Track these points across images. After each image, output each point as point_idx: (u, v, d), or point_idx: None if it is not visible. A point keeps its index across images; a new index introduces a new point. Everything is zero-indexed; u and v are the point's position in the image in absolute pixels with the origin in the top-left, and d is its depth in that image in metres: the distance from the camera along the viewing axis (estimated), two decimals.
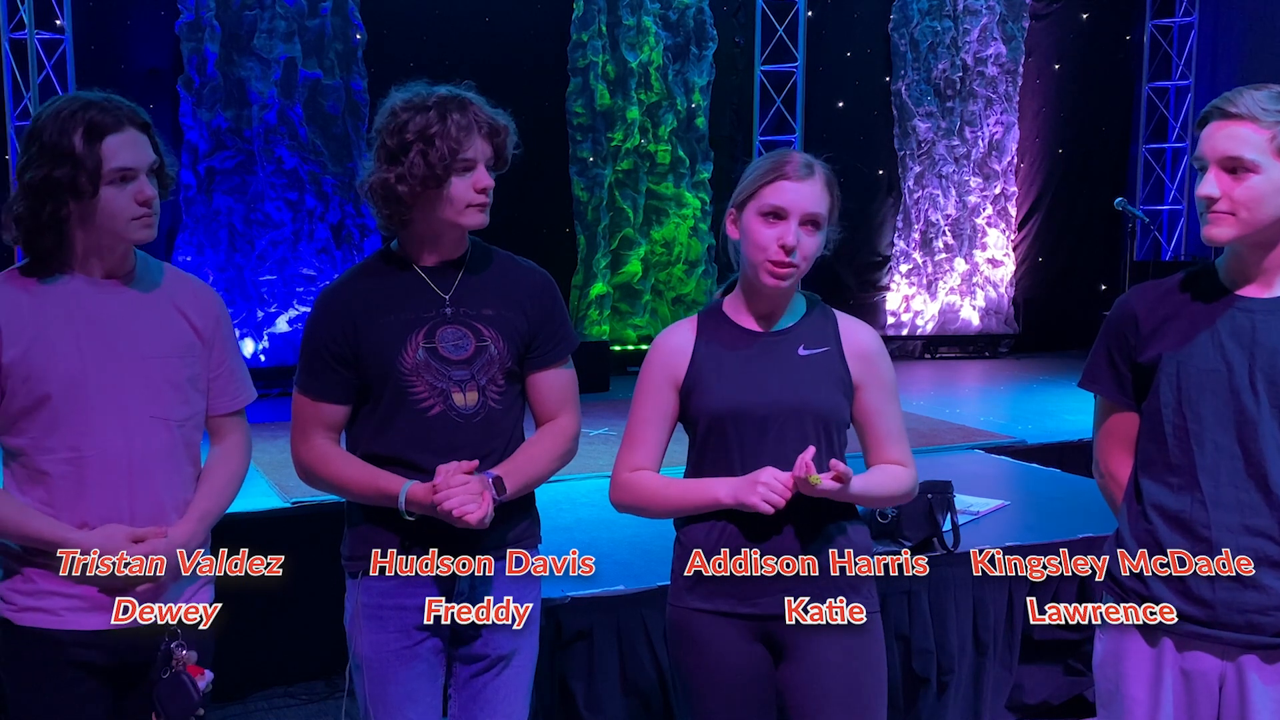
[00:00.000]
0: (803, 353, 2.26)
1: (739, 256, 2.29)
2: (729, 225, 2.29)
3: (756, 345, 2.28)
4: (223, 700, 4.09)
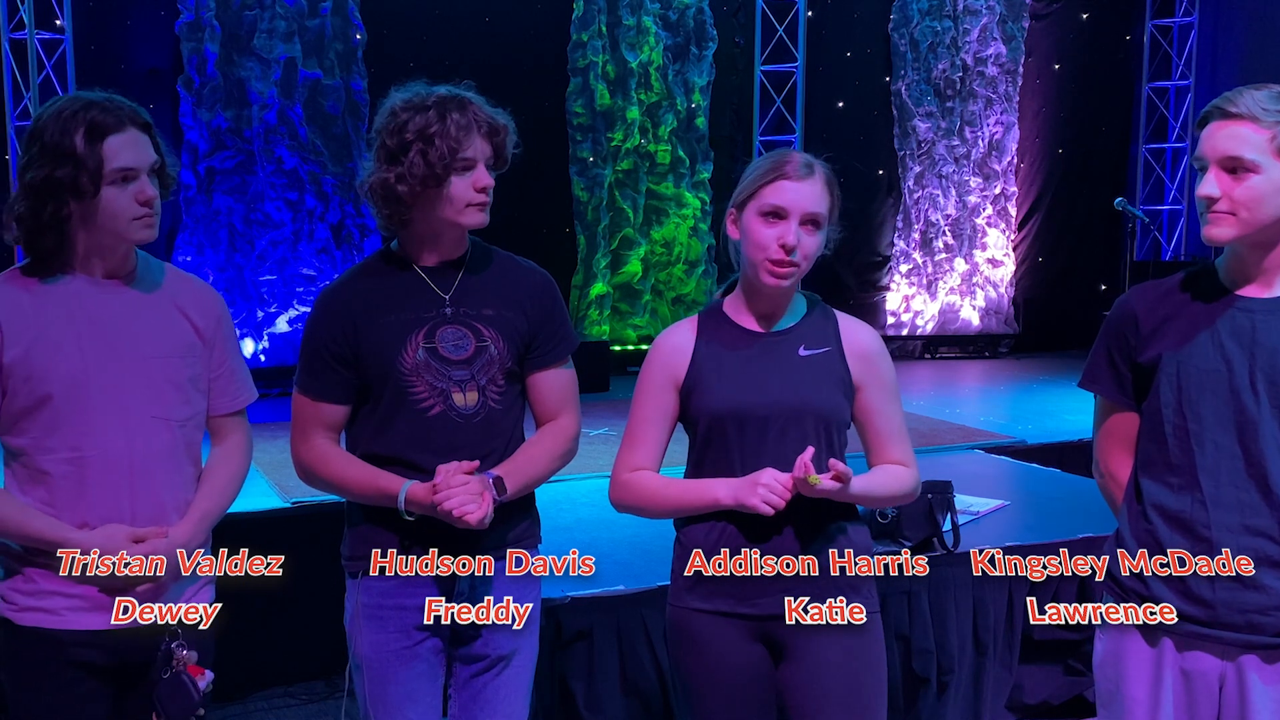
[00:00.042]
0: (803, 353, 2.26)
1: (739, 257, 2.29)
2: (729, 226, 2.29)
3: (757, 345, 2.27)
4: (223, 700, 4.09)
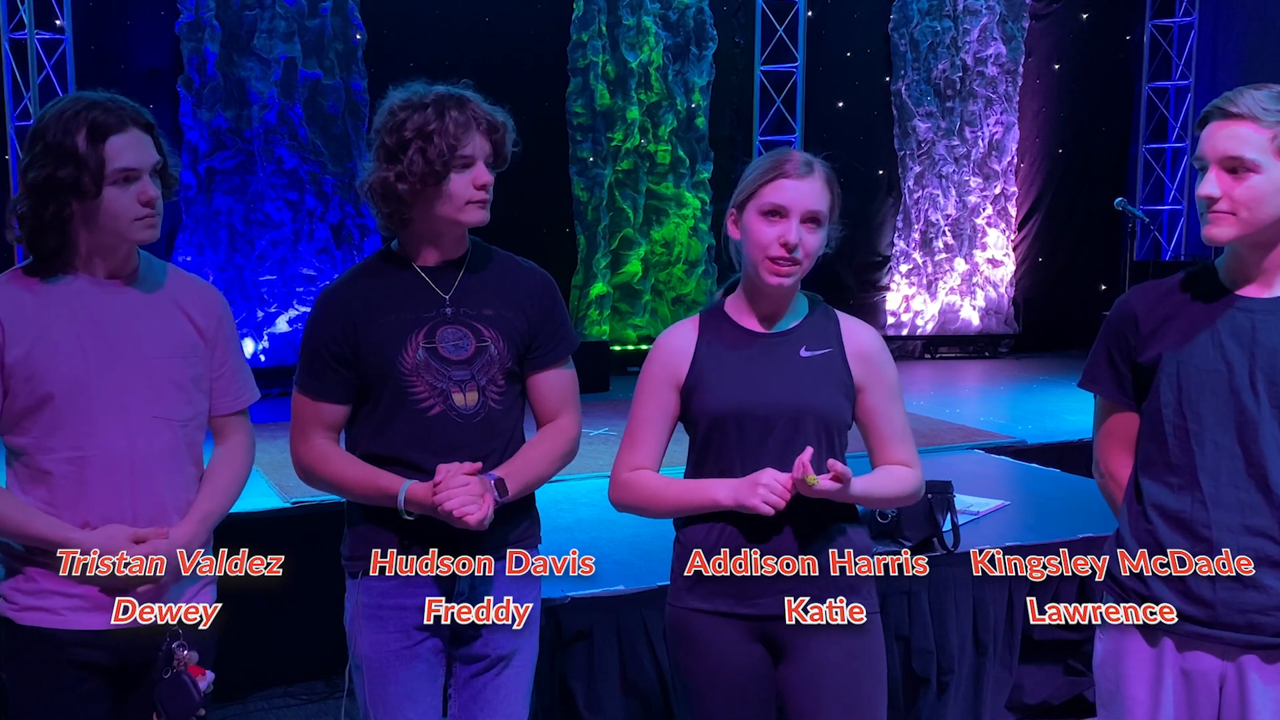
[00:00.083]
0: (804, 354, 2.26)
1: (740, 257, 2.29)
2: (730, 226, 2.29)
3: (758, 346, 2.27)
4: (223, 700, 4.09)
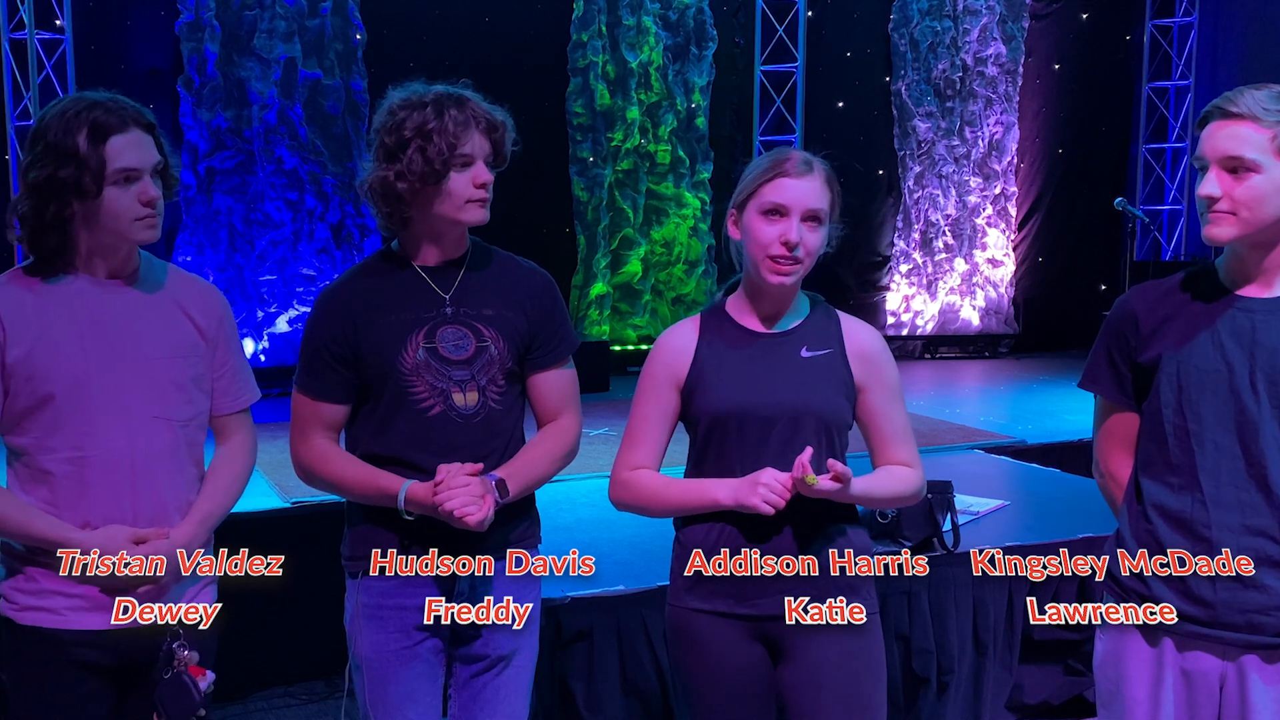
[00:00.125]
0: (805, 354, 2.26)
1: (741, 257, 2.29)
2: (730, 226, 2.29)
3: (759, 346, 2.27)
4: (223, 700, 4.09)
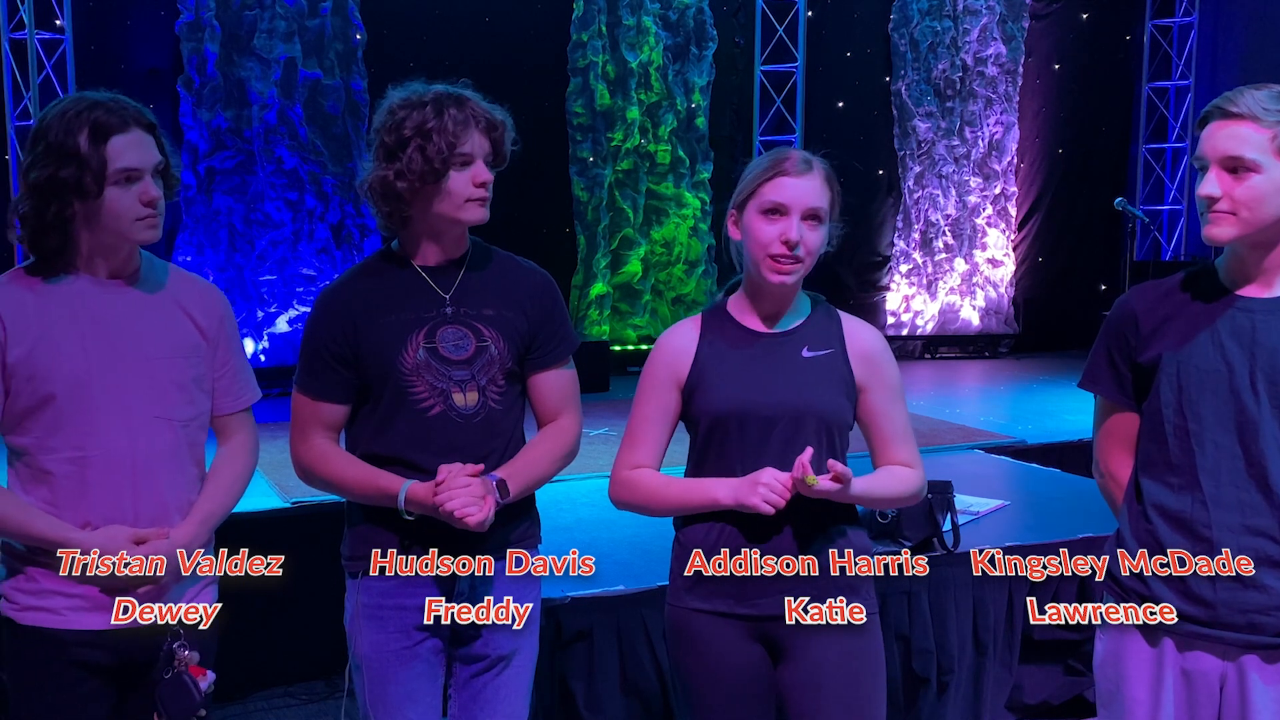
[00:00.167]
0: (807, 354, 2.26)
1: (741, 258, 2.29)
2: (730, 227, 2.29)
3: (760, 346, 2.27)
4: (223, 700, 4.09)
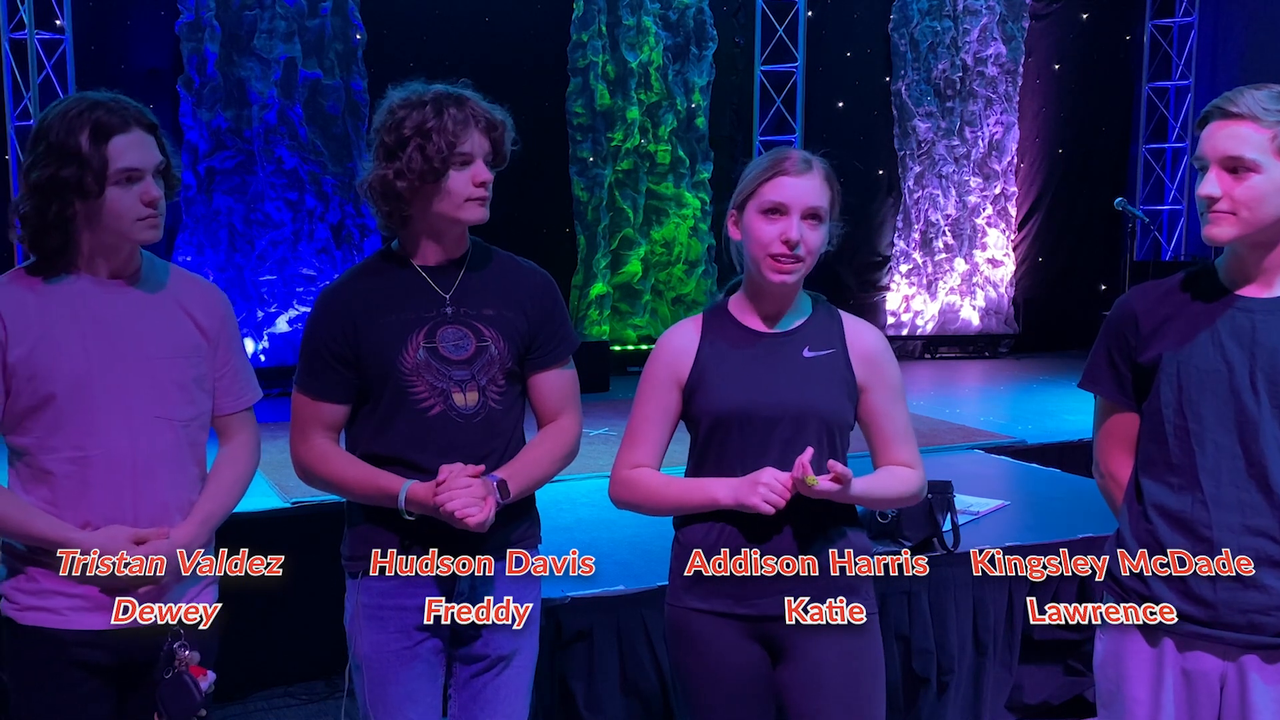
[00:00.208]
0: (808, 354, 2.26)
1: (742, 258, 2.29)
2: (730, 227, 2.29)
3: (761, 346, 2.27)
4: (223, 700, 4.09)
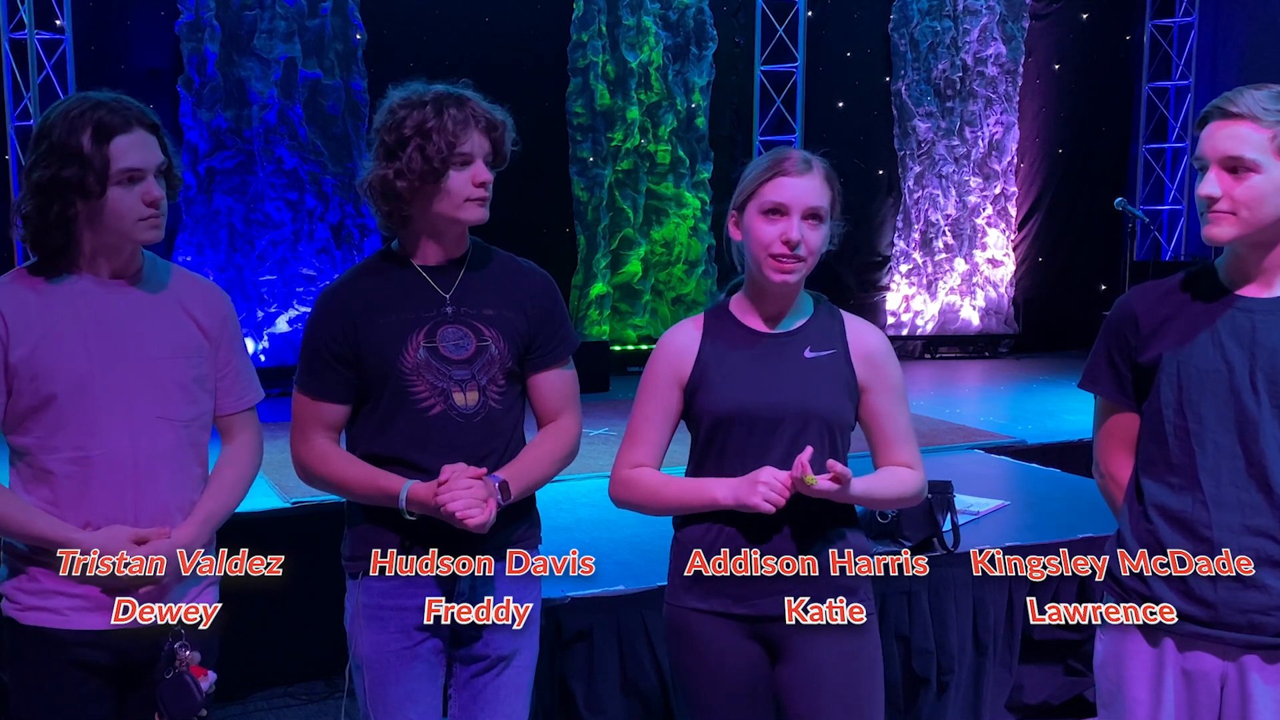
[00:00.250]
0: (809, 355, 2.26)
1: (743, 259, 2.28)
2: (731, 228, 2.29)
3: (762, 346, 2.27)
4: (223, 700, 4.09)
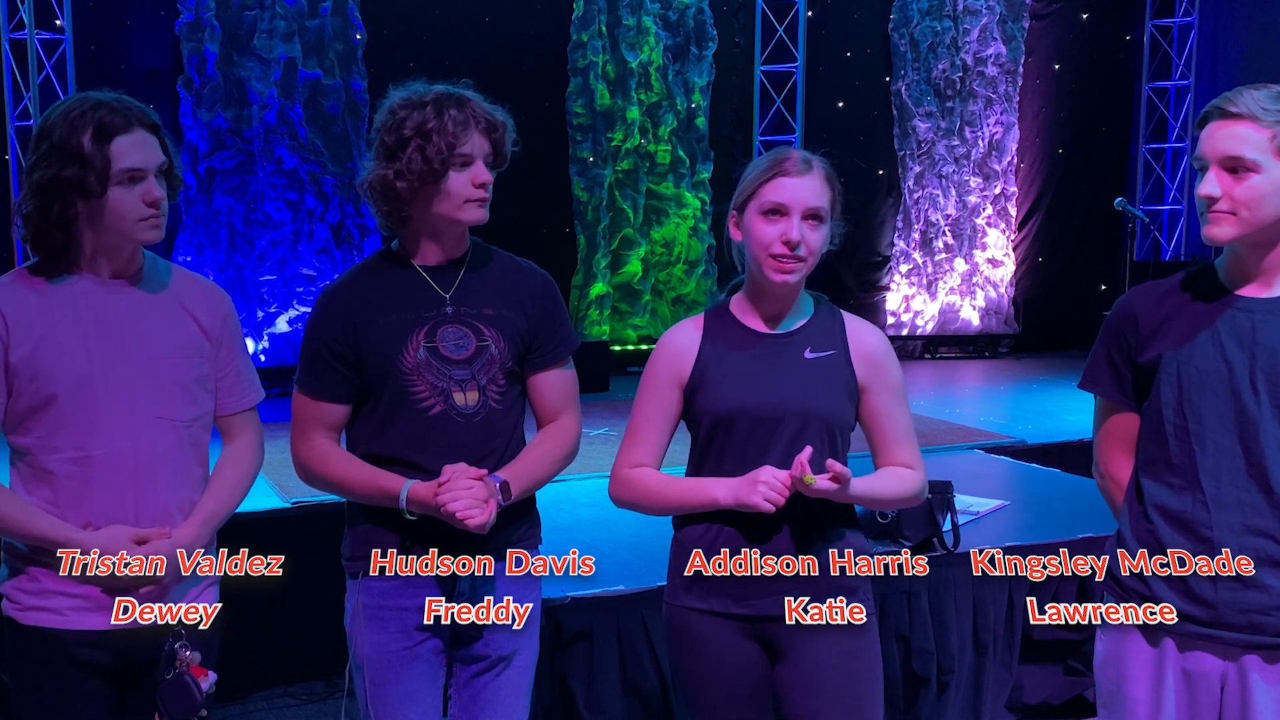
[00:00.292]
0: (809, 355, 2.26)
1: (743, 259, 2.28)
2: (731, 228, 2.29)
3: (762, 346, 2.27)
4: (223, 700, 4.09)
